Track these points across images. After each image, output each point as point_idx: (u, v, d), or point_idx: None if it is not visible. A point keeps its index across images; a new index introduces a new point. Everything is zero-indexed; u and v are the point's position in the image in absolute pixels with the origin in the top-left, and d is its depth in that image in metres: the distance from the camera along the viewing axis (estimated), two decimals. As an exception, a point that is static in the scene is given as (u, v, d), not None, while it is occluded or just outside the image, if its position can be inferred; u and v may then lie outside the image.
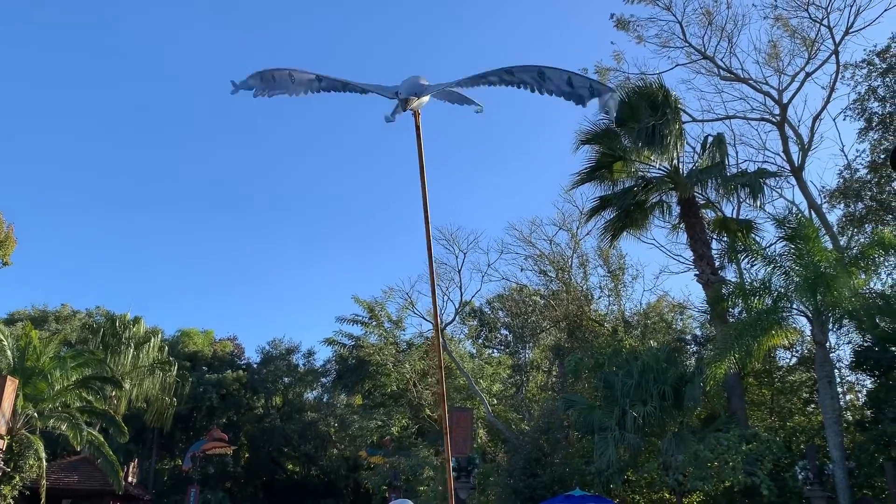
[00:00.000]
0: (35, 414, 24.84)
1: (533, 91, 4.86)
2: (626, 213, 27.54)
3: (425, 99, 5.45)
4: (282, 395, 49.70)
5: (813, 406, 27.01)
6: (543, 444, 26.37)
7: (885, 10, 28.06)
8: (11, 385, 22.11)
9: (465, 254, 36.60)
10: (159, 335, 41.87)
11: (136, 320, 39.68)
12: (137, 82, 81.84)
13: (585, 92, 4.75)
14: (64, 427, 25.93)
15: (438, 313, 36.59)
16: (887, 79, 28.10)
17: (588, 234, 34.29)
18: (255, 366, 50.36)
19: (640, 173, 27.85)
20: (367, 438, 40.84)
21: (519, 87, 4.92)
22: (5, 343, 26.00)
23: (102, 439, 27.86)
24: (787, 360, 29.92)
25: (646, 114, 25.46)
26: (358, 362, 43.43)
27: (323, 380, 50.49)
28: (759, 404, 28.87)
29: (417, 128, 5.68)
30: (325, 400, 50.13)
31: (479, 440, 32.63)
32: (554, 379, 36.00)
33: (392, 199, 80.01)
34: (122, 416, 31.99)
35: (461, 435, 23.44)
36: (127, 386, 34.72)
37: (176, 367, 39.25)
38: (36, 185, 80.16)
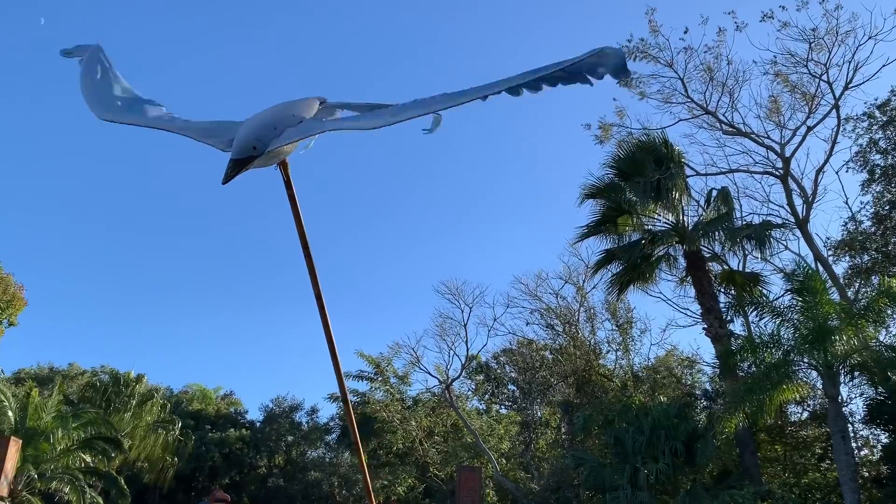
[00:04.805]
0: (36, 475, 24.50)
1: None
2: (633, 266, 27.48)
3: (289, 149, 3.82)
4: (284, 455, 48.97)
5: (828, 462, 26.47)
6: (553, 503, 25.83)
7: (884, 66, 28.34)
8: (14, 446, 21.78)
9: (470, 308, 36.32)
10: (161, 392, 41.52)
11: (139, 378, 39.43)
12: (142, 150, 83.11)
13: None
14: (66, 489, 25.54)
15: (445, 369, 36.22)
16: (888, 131, 28.40)
17: (594, 287, 34.01)
18: (258, 424, 49.78)
19: (646, 227, 27.89)
20: (372, 498, 39.95)
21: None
22: (6, 403, 25.79)
23: (102, 501, 27.39)
24: (800, 415, 29.46)
25: (650, 168, 25.68)
26: (363, 419, 42.88)
27: (327, 437, 49.78)
28: (772, 460, 28.31)
29: (287, 184, 4.03)
30: (328, 459, 49.31)
31: (488, 500, 31.95)
32: (563, 436, 35.42)
33: (399, 253, 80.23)
34: (122, 477, 31.51)
35: (469, 495, 22.93)
36: (126, 445, 34.32)
37: (179, 426, 38.82)
38: (45, 242, 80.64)
